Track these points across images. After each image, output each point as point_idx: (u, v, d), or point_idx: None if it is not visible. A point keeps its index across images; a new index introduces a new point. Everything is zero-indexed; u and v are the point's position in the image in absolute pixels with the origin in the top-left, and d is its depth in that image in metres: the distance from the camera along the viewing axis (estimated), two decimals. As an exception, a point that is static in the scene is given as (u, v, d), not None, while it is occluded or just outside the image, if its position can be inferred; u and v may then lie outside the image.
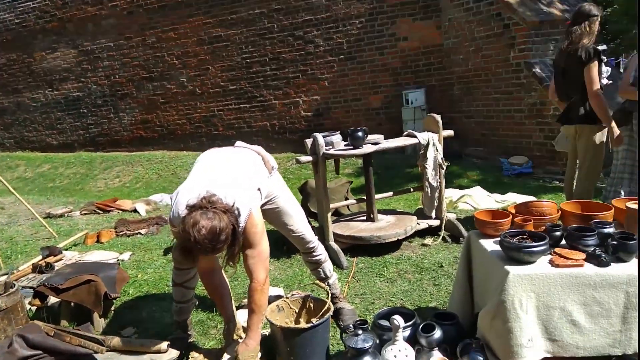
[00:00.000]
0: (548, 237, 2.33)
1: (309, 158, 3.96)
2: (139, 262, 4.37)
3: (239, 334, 2.67)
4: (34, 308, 3.30)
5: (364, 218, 4.43)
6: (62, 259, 4.04)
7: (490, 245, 2.51)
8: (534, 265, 2.25)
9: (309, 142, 3.99)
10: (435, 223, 4.34)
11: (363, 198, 4.49)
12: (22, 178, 10.28)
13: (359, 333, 2.40)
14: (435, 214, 4.35)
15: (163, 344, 2.67)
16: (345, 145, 4.08)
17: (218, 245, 2.17)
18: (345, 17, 8.38)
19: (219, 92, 9.50)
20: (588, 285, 2.17)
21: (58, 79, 10.78)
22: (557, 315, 2.20)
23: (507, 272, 2.21)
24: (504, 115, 7.26)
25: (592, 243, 2.29)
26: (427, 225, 4.32)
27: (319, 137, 3.92)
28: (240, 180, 2.48)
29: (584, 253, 2.27)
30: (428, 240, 4.24)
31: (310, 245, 2.97)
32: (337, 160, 4.37)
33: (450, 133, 4.35)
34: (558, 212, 2.65)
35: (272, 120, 9.26)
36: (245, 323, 2.60)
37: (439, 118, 4.22)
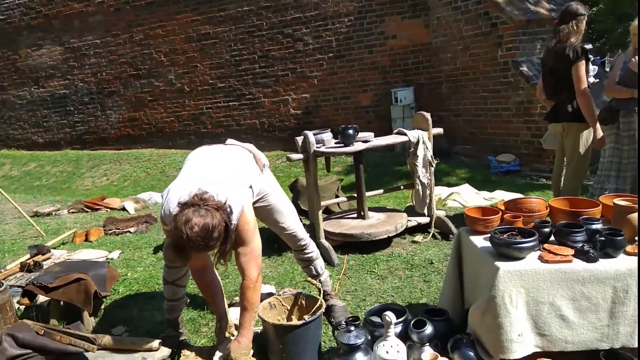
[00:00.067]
0: (537, 233, 2.36)
1: (300, 156, 3.96)
2: (129, 260, 4.34)
3: (231, 332, 2.67)
4: (23, 307, 3.26)
5: (355, 215, 4.44)
6: (50, 258, 4.01)
7: (481, 242, 2.54)
8: (524, 261, 2.27)
9: (300, 139, 3.99)
10: (425, 220, 4.36)
11: (353, 196, 4.51)
12: (7, 176, 10.15)
13: (351, 329, 2.41)
14: (422, 212, 4.37)
15: (154, 342, 2.66)
16: (336, 143, 4.09)
17: (211, 243, 2.17)
18: (334, 15, 8.39)
19: (208, 89, 9.46)
20: (576, 281, 2.20)
21: (44, 76, 10.67)
22: (546, 310, 2.22)
23: (497, 268, 2.24)
24: (492, 114, 7.33)
25: (580, 239, 2.32)
26: (417, 223, 4.35)
27: (310, 134, 3.93)
28: (232, 178, 2.48)
29: (573, 249, 2.29)
30: (418, 238, 4.27)
31: (302, 243, 2.97)
32: (327, 158, 4.37)
33: (440, 131, 4.38)
34: (547, 208, 2.68)
35: (261, 118, 9.25)
36: (237, 321, 2.61)
37: (429, 116, 4.24)
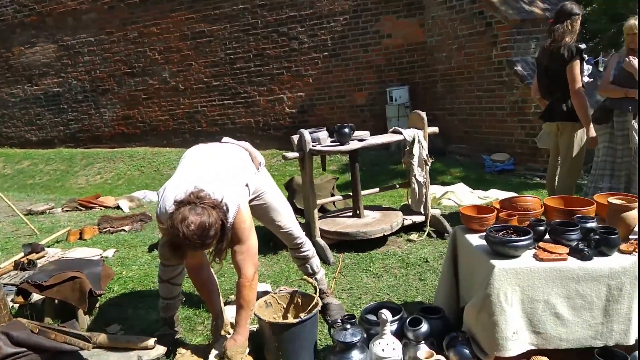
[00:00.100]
0: (532, 231, 2.37)
1: (296, 154, 3.96)
2: (123, 259, 4.33)
3: (227, 330, 2.67)
4: (17, 305, 3.25)
5: (350, 214, 4.45)
6: (44, 256, 3.98)
7: (476, 240, 2.55)
8: (519, 260, 2.29)
9: (296, 138, 3.99)
10: (421, 219, 4.38)
11: (349, 194, 4.51)
12: (0, 175, 10.09)
13: (348, 327, 2.42)
14: (419, 210, 4.38)
15: (150, 341, 2.65)
16: (332, 142, 4.09)
17: (207, 241, 2.17)
18: (330, 13, 8.39)
19: (203, 88, 9.44)
20: (571, 279, 2.22)
21: (37, 74, 10.60)
22: (541, 308, 2.24)
23: (492, 266, 2.25)
24: (486, 113, 7.36)
25: (575, 237, 2.34)
26: (412, 221, 4.36)
27: (306, 133, 3.93)
28: (228, 176, 2.48)
29: (568, 247, 2.31)
30: (413, 236, 4.28)
31: (298, 241, 2.98)
32: (323, 157, 4.38)
33: (435, 130, 4.39)
34: (542, 207, 2.70)
35: (256, 117, 9.23)
36: (233, 319, 2.61)
37: (424, 115, 4.25)
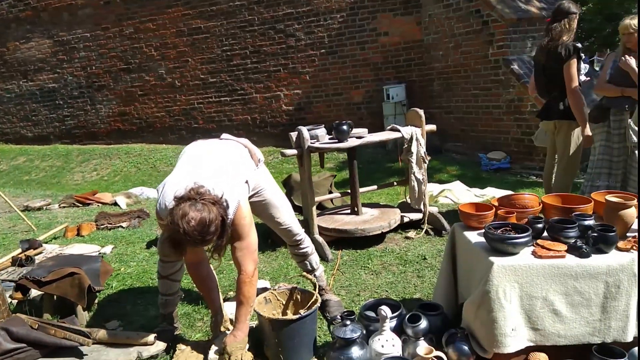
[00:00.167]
0: (531, 229, 2.39)
1: (294, 151, 3.96)
2: (122, 255, 4.33)
3: (227, 326, 2.68)
4: (15, 301, 3.25)
5: (348, 211, 4.46)
6: (42, 252, 3.98)
7: (475, 237, 2.56)
8: (518, 257, 2.30)
9: (294, 135, 4.00)
10: (418, 216, 4.39)
11: (347, 192, 4.52)
12: (-5, 171, 10.06)
13: (347, 323, 2.43)
14: (418, 208, 4.40)
15: (150, 337, 2.66)
16: (330, 139, 4.09)
17: (207, 237, 2.17)
18: (326, 11, 8.39)
19: (199, 84, 9.43)
20: (569, 276, 2.24)
21: (33, 70, 10.56)
22: (539, 305, 2.26)
23: (491, 263, 2.26)
24: (483, 111, 7.38)
25: (573, 235, 2.35)
26: (409, 219, 4.38)
27: (304, 130, 3.93)
28: (228, 173, 2.48)
29: (566, 244, 2.33)
30: (411, 233, 4.30)
31: (297, 238, 2.98)
32: (321, 154, 4.38)
33: (433, 128, 4.41)
34: (540, 204, 2.72)
35: (253, 114, 9.23)
36: (233, 315, 2.61)
37: (422, 112, 4.27)
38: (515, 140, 6.99)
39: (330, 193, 5.02)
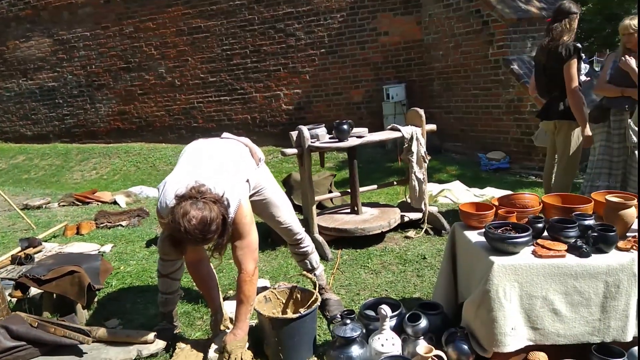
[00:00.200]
0: (531, 228, 2.39)
1: (294, 150, 3.96)
2: (121, 254, 4.33)
3: (226, 325, 2.68)
4: (15, 300, 3.25)
5: (348, 211, 4.46)
6: (41, 251, 3.98)
7: (475, 237, 2.56)
8: (518, 256, 2.31)
9: (295, 134, 4.00)
10: (418, 216, 4.40)
11: (347, 191, 4.52)
12: (-5, 169, 10.05)
13: (348, 322, 2.43)
14: (419, 207, 4.40)
15: (150, 335, 2.66)
16: (330, 138, 4.10)
17: (208, 236, 2.17)
18: (327, 10, 8.39)
19: (199, 84, 9.42)
20: (569, 276, 2.24)
21: (32, 69, 10.55)
22: (539, 304, 2.26)
23: (491, 262, 2.26)
24: (483, 111, 7.38)
25: (573, 235, 2.36)
26: (409, 218, 4.38)
27: (305, 129, 3.93)
28: (229, 171, 2.49)
29: (566, 244, 2.33)
30: (411, 233, 4.30)
31: (298, 237, 2.98)
32: (322, 153, 4.39)
33: (433, 127, 4.41)
34: (540, 204, 2.72)
35: (253, 113, 9.23)
36: (232, 314, 2.61)
37: (422, 112, 4.27)
38: (515, 141, 7.00)
39: (330, 192, 5.02)
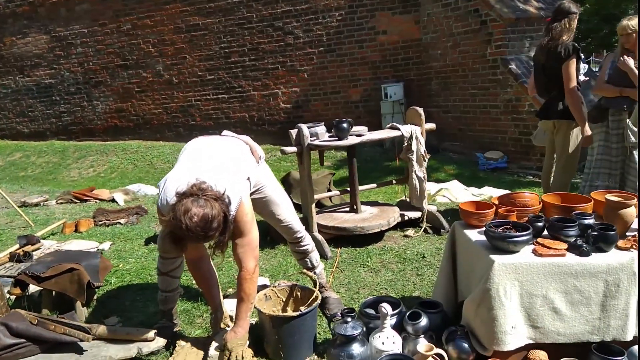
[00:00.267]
0: (531, 227, 2.40)
1: (294, 149, 3.96)
2: (120, 251, 4.32)
3: (226, 323, 2.68)
4: (14, 297, 3.24)
5: (347, 209, 4.47)
6: (40, 248, 3.97)
7: (475, 235, 2.57)
8: (518, 255, 2.32)
9: (294, 132, 3.99)
10: (417, 215, 4.40)
11: (346, 189, 4.52)
12: (-9, 166, 10.01)
13: (348, 320, 2.44)
14: (420, 206, 4.41)
15: (150, 333, 2.65)
16: (330, 137, 4.10)
17: (210, 233, 2.17)
18: (325, 9, 8.39)
19: (197, 81, 9.40)
20: (569, 274, 2.25)
21: (29, 65, 10.51)
22: (539, 303, 2.27)
23: (492, 261, 2.27)
24: (480, 111, 7.40)
25: (573, 234, 2.37)
26: (408, 217, 4.38)
27: (304, 127, 3.93)
28: (229, 169, 2.48)
29: (566, 243, 2.34)
30: (410, 232, 4.31)
31: (298, 235, 2.98)
32: (321, 152, 4.39)
33: (432, 126, 4.42)
34: (540, 203, 2.73)
35: (250, 112, 9.22)
36: (232, 312, 2.61)
37: (422, 111, 4.28)
38: (513, 140, 7.02)
39: (329, 191, 5.02)
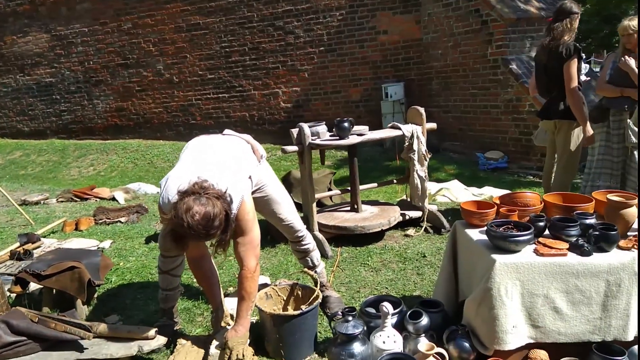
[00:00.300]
0: (532, 227, 2.40)
1: (295, 148, 3.96)
2: (120, 250, 4.32)
3: (227, 322, 2.68)
4: (14, 295, 3.24)
5: (348, 208, 4.47)
6: (40, 246, 3.96)
7: (476, 235, 2.58)
8: (519, 254, 2.32)
9: (295, 132, 3.99)
10: (417, 214, 4.40)
11: (347, 189, 4.52)
12: (-8, 165, 10.01)
13: (349, 319, 2.44)
14: (422, 205, 4.41)
15: (151, 331, 2.65)
16: (331, 136, 4.10)
17: (212, 231, 2.17)
18: (326, 8, 8.38)
19: (197, 81, 9.40)
20: (571, 274, 2.25)
21: (30, 64, 10.50)
22: (540, 303, 2.27)
23: (493, 260, 2.27)
24: (481, 111, 7.40)
25: (574, 233, 2.37)
26: (409, 217, 4.38)
27: (305, 127, 3.93)
28: (231, 168, 2.48)
29: (567, 243, 2.34)
30: (410, 231, 4.31)
31: (299, 234, 2.98)
32: (322, 151, 4.38)
33: (433, 126, 4.42)
34: (541, 203, 2.73)
35: (251, 111, 9.21)
36: (233, 311, 2.61)
37: (423, 111, 4.28)
38: (513, 140, 7.01)
39: (330, 190, 5.02)
